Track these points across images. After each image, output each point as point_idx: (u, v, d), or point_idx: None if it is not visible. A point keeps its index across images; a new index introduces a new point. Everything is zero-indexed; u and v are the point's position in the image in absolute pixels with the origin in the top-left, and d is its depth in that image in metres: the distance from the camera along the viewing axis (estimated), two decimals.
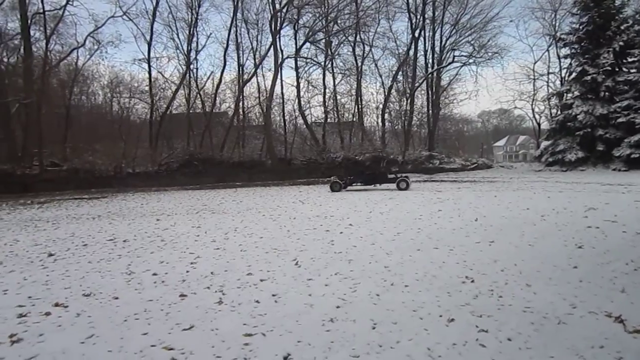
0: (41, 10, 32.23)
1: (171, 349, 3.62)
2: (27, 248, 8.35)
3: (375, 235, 8.35)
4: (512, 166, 41.87)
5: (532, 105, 42.24)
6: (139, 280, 5.74)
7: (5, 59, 32.62)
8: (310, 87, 38.33)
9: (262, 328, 4.00)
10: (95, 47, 35.22)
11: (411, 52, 38.01)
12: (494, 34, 38.21)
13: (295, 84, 36.74)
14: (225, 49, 35.49)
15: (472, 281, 5.24)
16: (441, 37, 38.39)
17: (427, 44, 38.50)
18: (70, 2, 32.38)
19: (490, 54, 38.01)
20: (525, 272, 5.55)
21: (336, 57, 37.91)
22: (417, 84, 38.18)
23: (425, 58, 38.55)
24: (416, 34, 37.41)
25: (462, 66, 39.96)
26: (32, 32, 32.41)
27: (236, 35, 35.66)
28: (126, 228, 10.55)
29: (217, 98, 36.84)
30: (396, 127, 42.06)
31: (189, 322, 4.17)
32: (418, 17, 37.28)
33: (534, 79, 41.13)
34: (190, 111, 36.08)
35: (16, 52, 33.83)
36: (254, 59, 36.49)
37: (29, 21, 31.74)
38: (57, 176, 28.82)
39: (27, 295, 5.20)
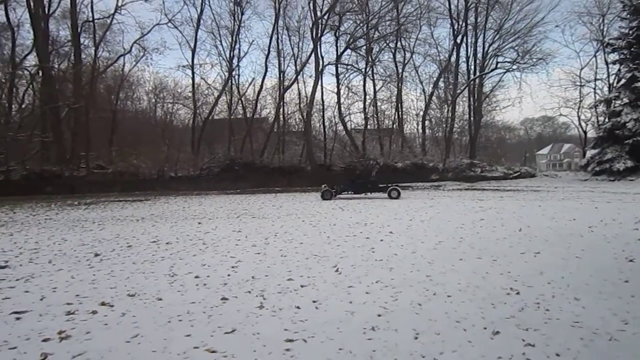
0: (91, 19, 33.41)
1: (213, 351, 3.65)
2: (75, 247, 8.61)
3: (416, 244, 8.24)
4: (557, 175, 40.78)
5: (578, 112, 41.06)
6: (181, 282, 5.83)
7: (56, 66, 33.83)
8: (351, 94, 38.38)
9: (303, 334, 3.98)
10: (141, 53, 36.26)
11: (453, 59, 37.61)
12: (538, 40, 37.25)
13: (335, 90, 36.87)
14: (267, 56, 35.97)
15: (518, 293, 5.10)
16: (484, 43, 37.78)
17: (469, 50, 37.99)
18: (118, 11, 33.45)
19: (534, 60, 37.14)
20: (573, 285, 5.37)
21: (377, 63, 37.87)
22: (458, 91, 37.67)
23: (467, 64, 38.02)
24: (458, 40, 36.98)
25: (505, 72, 39.24)
26: (81, 40, 33.60)
27: (277, 42, 36.09)
28: (169, 231, 10.75)
29: (258, 104, 37.32)
30: (437, 135, 41.60)
31: (231, 326, 4.19)
32: (460, 23, 36.84)
33: (581, 86, 40.01)
34: (232, 117, 36.61)
35: (66, 59, 35.08)
36: (295, 66, 36.82)
37: (79, 29, 32.91)
38: (102, 178, 29.70)
39: (74, 294, 5.34)
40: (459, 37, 36.92)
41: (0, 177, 28.12)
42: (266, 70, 36.25)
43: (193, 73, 35.80)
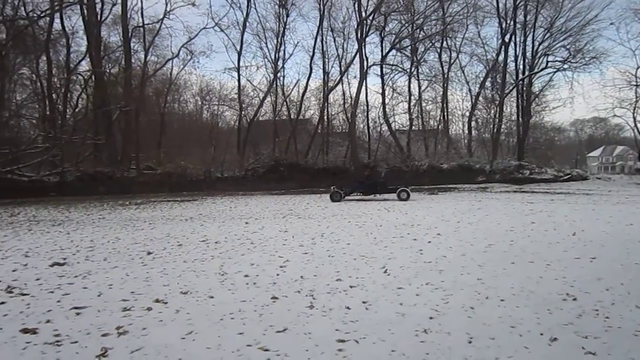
0: (140, 24, 34.41)
1: (266, 350, 3.68)
2: (128, 246, 8.87)
3: (465, 246, 8.10)
4: (610, 178, 39.22)
5: (633, 113, 39.26)
6: (231, 281, 5.91)
7: (108, 70, 34.99)
8: (395, 94, 38.09)
9: (354, 335, 3.97)
10: (188, 57, 37.05)
11: (500, 58, 36.69)
12: (591, 38, 35.75)
13: (380, 91, 36.67)
14: (311, 57, 36.13)
15: (574, 299, 4.93)
16: (533, 42, 36.64)
17: (517, 49, 36.93)
18: (167, 16, 34.31)
19: (587, 58, 35.76)
20: (634, 292, 5.14)
21: (422, 63, 37.43)
22: (506, 91, 36.77)
23: (516, 64, 37.01)
24: (506, 39, 36.04)
25: (555, 72, 37.90)
26: (131, 45, 34.65)
27: (322, 43, 36.20)
28: (217, 230, 10.94)
29: (302, 105, 37.50)
30: (483, 136, 40.72)
31: (282, 325, 4.22)
32: (508, 21, 35.91)
33: (637, 86, 38.32)
34: (277, 118, 36.96)
35: (117, 64, 36.23)
36: (340, 67, 36.86)
37: (130, 35, 33.94)
38: (152, 179, 30.50)
39: (129, 290, 5.50)
40: (507, 36, 36.00)
41: (56, 178, 29.29)
42: (311, 72, 36.44)
43: (239, 75, 36.34)
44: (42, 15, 30.93)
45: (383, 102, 36.23)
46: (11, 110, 31.96)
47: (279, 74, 36.59)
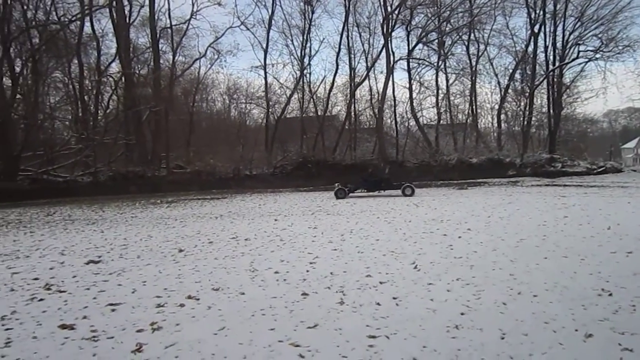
0: (168, 26, 34.89)
1: (297, 345, 3.70)
2: (160, 244, 9.02)
3: (497, 241, 7.99)
4: None
5: None
6: (262, 277, 5.96)
7: (137, 72, 35.59)
8: (423, 89, 37.76)
9: (385, 331, 3.96)
10: (215, 56, 37.41)
11: (530, 49, 35.94)
12: (624, 26, 34.58)
13: (407, 85, 36.43)
14: (337, 53, 36.08)
15: (610, 294, 4.82)
16: (564, 32, 35.75)
17: (547, 40, 36.11)
18: (194, 16, 34.72)
19: (620, 47, 34.67)
20: None
21: (449, 57, 37.02)
22: (536, 83, 36.04)
23: (546, 55, 36.20)
24: (535, 30, 35.29)
25: (587, 62, 36.84)
26: (160, 46, 35.18)
27: (348, 39, 36.11)
28: (247, 227, 11.04)
29: (329, 102, 37.47)
30: (513, 129, 40.00)
31: (313, 321, 4.24)
32: (538, 11, 35.15)
33: None
34: (304, 115, 37.04)
35: (146, 65, 36.83)
36: (366, 62, 36.73)
37: (158, 36, 34.45)
38: (181, 178, 30.91)
39: (163, 287, 5.60)
40: (537, 26, 35.24)
41: (90, 178, 29.94)
42: (337, 68, 36.40)
43: (265, 73, 36.53)
44: (73, 19, 31.61)
45: (410, 97, 35.99)
46: (45, 113, 32.77)
47: (305, 71, 36.67)
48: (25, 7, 29.98)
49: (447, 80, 37.16)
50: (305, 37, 36.00)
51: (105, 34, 34.79)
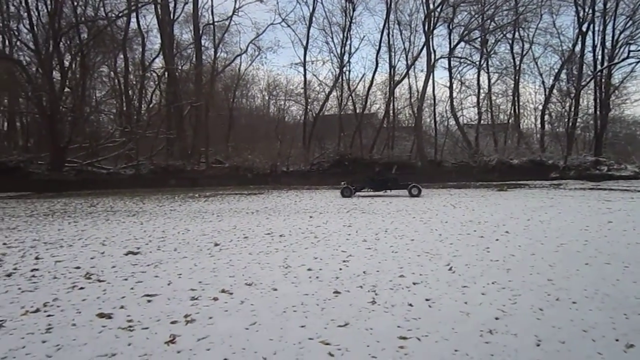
0: (210, 22, 35.41)
1: (327, 344, 3.70)
2: (196, 237, 9.16)
3: (536, 245, 7.79)
4: None
5: None
6: (295, 274, 5.98)
7: (179, 67, 36.28)
8: (464, 88, 37.20)
9: (416, 332, 3.92)
10: (256, 53, 37.90)
11: (577, 48, 34.87)
12: None
13: (447, 84, 35.94)
14: (378, 51, 35.92)
15: None
16: (613, 30, 34.44)
17: (596, 39, 34.91)
18: (236, 13, 35.18)
19: None
20: None
21: (492, 55, 36.29)
22: (583, 83, 34.95)
23: (594, 54, 35.02)
24: (584, 28, 34.20)
25: (638, 62, 35.58)
26: (202, 42, 35.78)
27: (388, 36, 35.93)
28: (282, 223, 11.10)
29: (368, 99, 37.35)
30: (557, 130, 38.92)
31: (344, 319, 4.23)
32: (586, 9, 34.04)
33: None
34: (342, 112, 37.02)
35: (189, 61, 37.50)
36: (406, 60, 36.48)
37: (200, 32, 35.02)
38: (220, 173, 31.38)
39: (197, 280, 5.68)
40: (585, 25, 34.14)
41: (132, 170, 30.71)
42: (377, 66, 36.25)
43: (305, 70, 36.69)
44: (119, 15, 32.48)
45: (450, 96, 35.49)
46: (91, 106, 33.82)
47: (344, 69, 36.67)
48: (75, 3, 30.97)
49: (489, 80, 36.50)
50: (345, 35, 36.02)
51: (149, 30, 35.75)
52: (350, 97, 37.25)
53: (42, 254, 7.52)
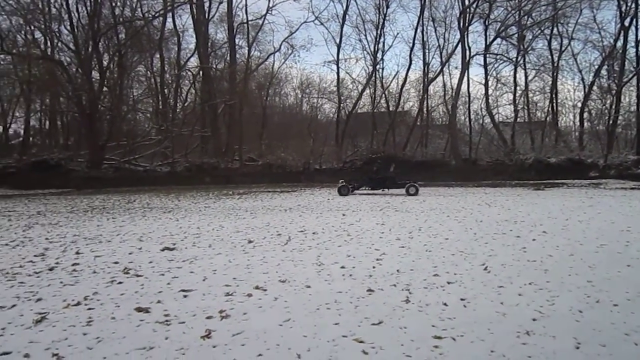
0: (245, 21, 35.71)
1: (361, 341, 3.70)
2: (230, 234, 9.27)
3: (574, 246, 7.60)
4: None
5: None
6: (328, 271, 5.99)
7: (214, 66, 36.74)
8: (499, 85, 36.44)
9: (451, 332, 3.88)
10: (289, 51, 38.01)
11: (619, 44, 33.72)
12: None
13: (483, 81, 35.28)
14: (411, 48, 35.59)
15: None
16: None
17: (639, 34, 33.85)
18: (270, 12, 35.37)
19: None
20: None
21: (529, 52, 35.42)
22: (625, 80, 33.83)
23: (637, 50, 33.72)
24: (626, 23, 33.01)
25: None
26: (236, 41, 36.14)
27: (422, 33, 35.54)
28: (315, 221, 11.13)
29: (401, 97, 37.07)
30: (597, 128, 37.83)
31: (378, 318, 4.21)
32: (629, 3, 32.81)
33: None
34: (375, 110, 36.85)
35: (223, 59, 37.92)
36: (440, 57, 36.02)
37: (235, 31, 35.37)
38: (253, 170, 31.62)
39: (232, 277, 5.75)
40: (627, 20, 33.01)
41: (167, 168, 31.25)
42: (410, 63, 35.89)
43: (338, 68, 36.64)
44: (156, 15, 33.08)
45: (486, 93, 34.84)
46: (129, 105, 34.55)
47: (378, 66, 36.46)
48: (113, 4, 31.68)
49: (526, 76, 35.60)
50: (379, 32, 35.79)
51: (185, 29, 36.28)
52: (383, 95, 37.04)
53: (82, 249, 7.74)
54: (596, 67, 34.97)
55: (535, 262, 6.41)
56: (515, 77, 35.23)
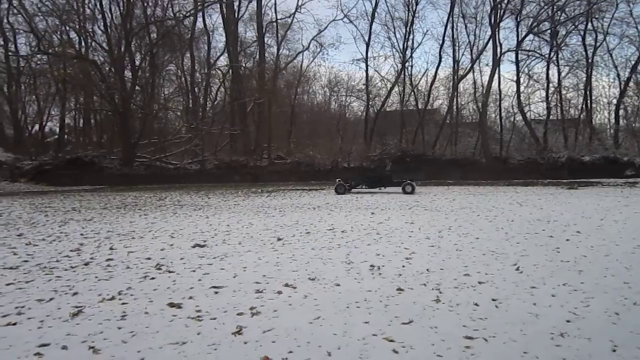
0: (274, 19, 35.92)
1: (392, 340, 3.68)
2: (260, 231, 9.34)
3: (610, 246, 7.42)
4: None
5: None
6: (357, 270, 5.98)
7: (243, 65, 37.05)
8: (531, 82, 35.81)
9: (483, 332, 3.83)
10: (318, 49, 38.10)
11: None
12: None
13: (514, 78, 34.75)
14: (441, 45, 35.32)
15: None
16: None
17: None
18: (299, 10, 35.51)
19: None
20: None
21: (563, 48, 34.72)
22: None
23: None
24: None
25: None
26: (265, 40, 36.40)
27: (452, 30, 35.23)
28: (343, 219, 11.13)
29: (430, 95, 36.76)
30: (633, 125, 36.83)
31: (408, 317, 4.19)
32: None
33: None
34: (404, 108, 36.64)
35: (252, 58, 38.22)
36: (471, 54, 35.67)
37: (264, 30, 35.60)
38: (282, 168, 31.81)
39: (262, 274, 5.79)
40: None
41: (197, 166, 31.67)
42: (440, 60, 35.61)
43: (367, 66, 36.64)
44: (187, 15, 33.54)
45: (517, 91, 34.29)
46: (160, 104, 35.11)
47: (407, 64, 36.24)
48: (145, 4, 32.24)
49: (559, 73, 34.92)
50: (408, 29, 35.61)
51: (215, 28, 36.72)
52: (412, 93, 36.80)
53: (115, 245, 7.91)
54: (633, 62, 34.05)
55: (568, 263, 6.28)
56: (547, 74, 34.67)
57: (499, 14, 32.68)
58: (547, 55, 34.25)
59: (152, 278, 5.64)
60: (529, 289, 5.06)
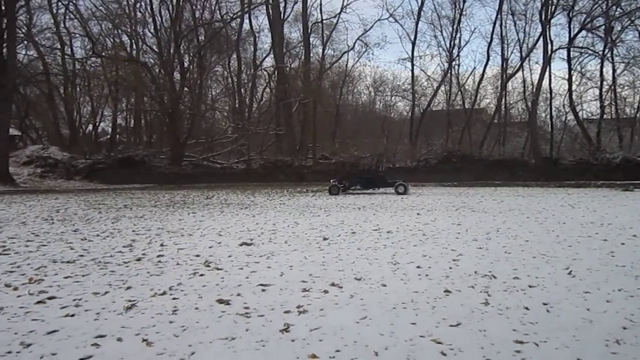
0: (319, 20, 36.11)
1: (439, 342, 3.64)
2: (305, 231, 9.41)
3: None
4: None
5: None
6: (404, 271, 5.95)
7: (289, 65, 37.39)
8: (584, 80, 34.60)
9: (533, 337, 3.74)
10: (363, 49, 38.06)
11: None
12: None
13: (566, 76, 33.68)
14: (489, 43, 34.65)
15: None
16: None
17: None
18: (344, 10, 35.57)
19: None
20: None
21: (618, 44, 33.36)
22: None
23: None
24: None
25: None
26: (310, 40, 36.61)
27: (501, 27, 34.48)
28: (389, 220, 11.08)
29: (477, 94, 36.11)
30: None
31: (456, 319, 4.14)
32: None
33: None
34: (450, 108, 36.14)
35: (297, 58, 38.52)
36: (520, 52, 34.81)
37: (309, 30, 35.82)
38: (326, 168, 31.86)
39: (308, 273, 5.83)
40: None
41: (243, 165, 32.15)
42: (488, 59, 34.96)
43: (412, 65, 36.26)
44: (234, 17, 34.15)
45: (569, 89, 33.20)
46: (207, 104, 35.87)
47: (453, 63, 35.78)
48: (193, 7, 33.00)
49: (614, 70, 33.61)
50: (455, 28, 35.14)
51: (261, 30, 37.26)
52: (459, 92, 36.23)
53: (166, 242, 8.13)
54: None
55: (624, 268, 6.05)
56: (601, 72, 33.40)
57: (550, 10, 31.76)
58: (600, 52, 33.05)
59: (201, 275, 5.77)
60: (582, 294, 4.91)
